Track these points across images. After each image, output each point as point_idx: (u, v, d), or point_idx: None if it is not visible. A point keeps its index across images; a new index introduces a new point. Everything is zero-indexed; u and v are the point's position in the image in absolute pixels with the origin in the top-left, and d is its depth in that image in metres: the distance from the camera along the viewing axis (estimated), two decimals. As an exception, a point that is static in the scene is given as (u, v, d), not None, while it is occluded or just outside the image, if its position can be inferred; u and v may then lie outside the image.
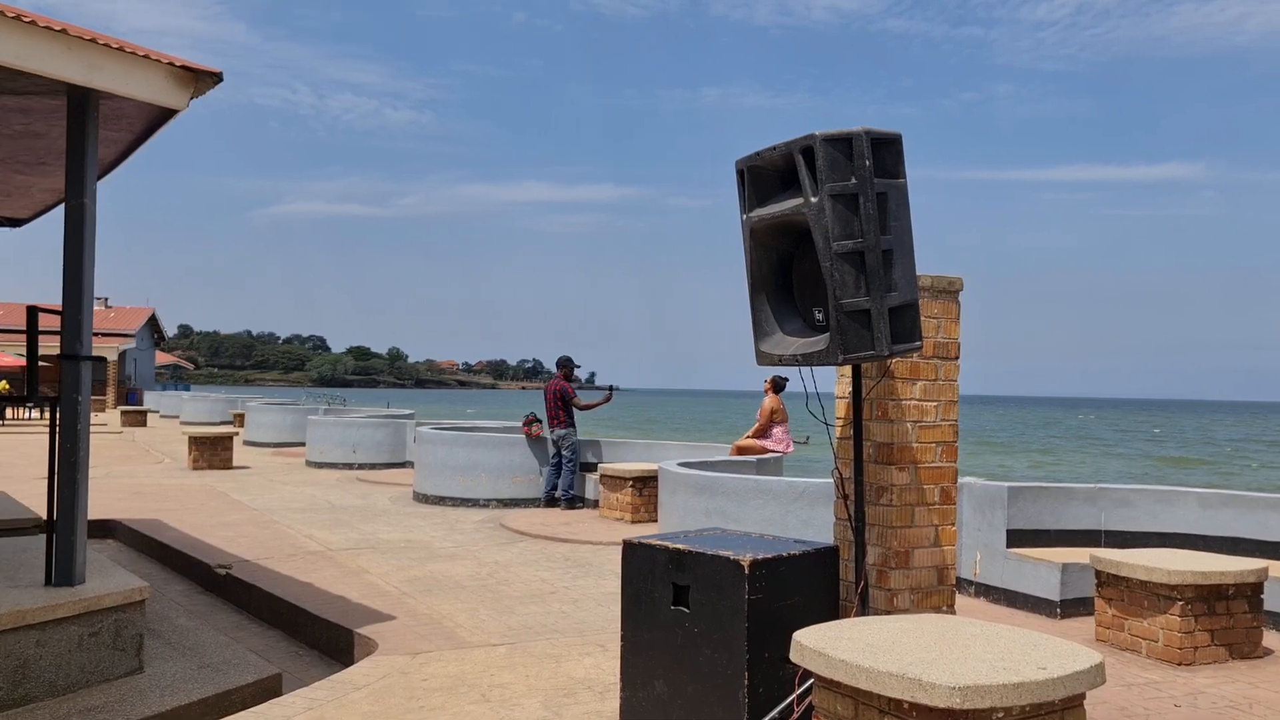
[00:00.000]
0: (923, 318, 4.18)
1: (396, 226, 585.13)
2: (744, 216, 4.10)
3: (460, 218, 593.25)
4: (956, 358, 4.41)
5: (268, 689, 5.25)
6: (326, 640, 6.32)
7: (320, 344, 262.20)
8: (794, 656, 3.25)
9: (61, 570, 5.13)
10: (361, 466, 17.15)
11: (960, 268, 4.48)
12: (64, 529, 5.16)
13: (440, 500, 12.54)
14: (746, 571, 3.75)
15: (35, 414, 35.53)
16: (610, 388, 13.03)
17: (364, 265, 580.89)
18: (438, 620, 6.41)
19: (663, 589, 4.09)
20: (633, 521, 10.89)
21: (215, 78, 5.18)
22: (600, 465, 11.83)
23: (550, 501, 12.34)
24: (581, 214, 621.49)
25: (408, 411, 22.26)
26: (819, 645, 3.15)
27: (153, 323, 60.81)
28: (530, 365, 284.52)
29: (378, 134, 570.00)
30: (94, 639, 4.99)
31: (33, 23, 4.37)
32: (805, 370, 4.18)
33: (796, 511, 8.14)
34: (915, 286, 3.80)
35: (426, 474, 12.90)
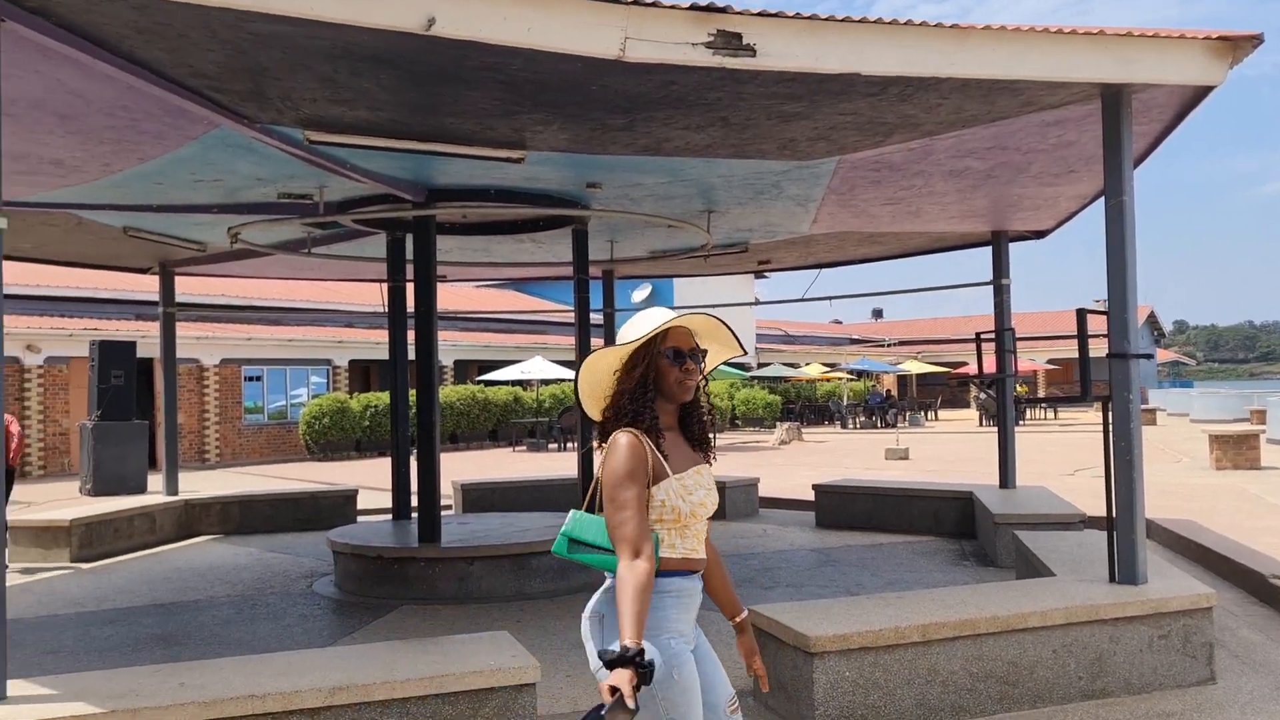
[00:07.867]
0: None
1: None
2: None
3: None
4: None
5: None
6: None
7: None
8: None
9: (1124, 568, 5.15)
10: None
11: None
12: (1123, 527, 5.18)
13: None
14: None
15: (1049, 415, 37.91)
16: None
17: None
18: None
19: None
20: None
21: (1254, 40, 4.72)
22: None
23: None
24: None
25: None
26: None
27: (1151, 320, 60.31)
28: None
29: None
30: (1163, 642, 4.89)
31: (1073, 32, 4.49)
32: None
33: None
34: None
35: None
